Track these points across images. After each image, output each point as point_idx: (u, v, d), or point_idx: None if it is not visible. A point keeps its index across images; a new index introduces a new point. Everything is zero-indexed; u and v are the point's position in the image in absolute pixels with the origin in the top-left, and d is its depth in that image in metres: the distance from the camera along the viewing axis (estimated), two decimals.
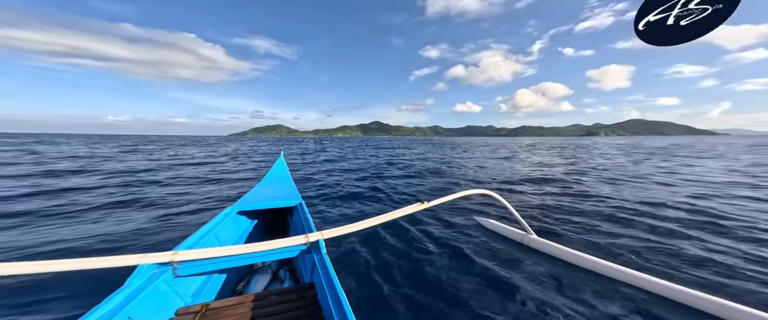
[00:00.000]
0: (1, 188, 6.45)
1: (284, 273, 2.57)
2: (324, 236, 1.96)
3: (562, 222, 4.42)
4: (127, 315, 1.40)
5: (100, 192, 6.41)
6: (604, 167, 11.49)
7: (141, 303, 1.51)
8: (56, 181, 7.65)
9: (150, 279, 1.63)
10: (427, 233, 3.97)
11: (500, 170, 11.18)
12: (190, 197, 6.20)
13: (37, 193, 6.12)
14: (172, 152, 21.12)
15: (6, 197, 5.63)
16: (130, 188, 6.89)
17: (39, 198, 5.71)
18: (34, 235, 3.78)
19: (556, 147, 32.82)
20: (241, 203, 3.08)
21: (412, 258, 3.23)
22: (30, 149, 20.25)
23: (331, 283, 1.58)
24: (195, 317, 1.59)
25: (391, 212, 2.22)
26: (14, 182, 7.35)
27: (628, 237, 3.73)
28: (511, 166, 12.75)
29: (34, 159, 12.90)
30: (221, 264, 1.82)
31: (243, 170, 10.97)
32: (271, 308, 1.66)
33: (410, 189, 7.43)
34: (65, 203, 5.34)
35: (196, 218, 4.76)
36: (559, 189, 7.04)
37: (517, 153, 21.83)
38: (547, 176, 9.15)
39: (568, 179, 8.60)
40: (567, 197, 6.20)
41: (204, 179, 8.68)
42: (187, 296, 1.93)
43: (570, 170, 10.75)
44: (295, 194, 3.44)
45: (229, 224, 2.84)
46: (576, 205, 5.43)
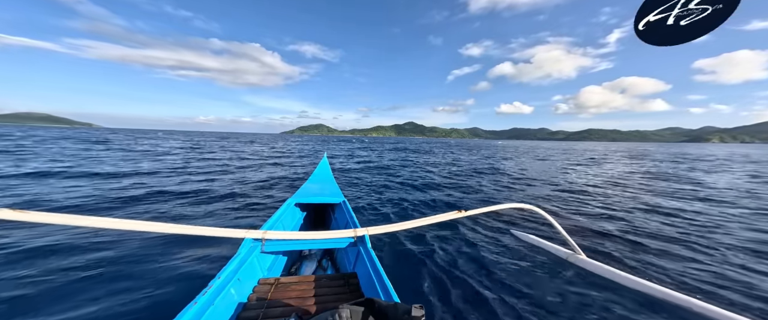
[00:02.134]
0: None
1: (327, 261, 2.83)
2: (369, 232, 2.11)
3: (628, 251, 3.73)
4: (238, 277, 1.76)
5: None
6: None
7: (244, 269, 1.87)
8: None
9: (249, 251, 1.99)
10: (462, 241, 3.94)
11: (550, 180, 10.09)
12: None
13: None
14: (275, 146, 25.76)
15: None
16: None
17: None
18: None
19: (640, 156, 27.02)
20: (296, 196, 3.44)
21: (445, 263, 3.23)
22: (188, 141, 26.90)
23: (379, 274, 1.70)
24: (271, 288, 1.85)
25: (429, 216, 2.31)
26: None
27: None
28: (567, 176, 11.31)
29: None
30: (289, 245, 2.11)
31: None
32: (323, 289, 1.85)
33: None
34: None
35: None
36: (627, 213, 5.67)
37: (581, 161, 19.42)
38: (611, 194, 7.57)
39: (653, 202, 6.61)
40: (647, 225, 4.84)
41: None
42: (264, 270, 2.24)
43: (660, 190, 8.31)
44: (338, 192, 3.76)
45: (289, 213, 3.22)
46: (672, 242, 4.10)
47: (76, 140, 25.69)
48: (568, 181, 9.93)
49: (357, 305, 1.02)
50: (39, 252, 3.05)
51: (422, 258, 3.32)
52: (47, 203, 5.05)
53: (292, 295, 1.78)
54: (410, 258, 3.35)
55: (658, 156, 25.66)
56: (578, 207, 6.16)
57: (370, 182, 9.17)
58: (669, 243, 4.03)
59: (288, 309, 1.64)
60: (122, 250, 3.18)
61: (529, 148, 47.89)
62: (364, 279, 1.89)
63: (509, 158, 21.80)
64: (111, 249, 3.17)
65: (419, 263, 3.22)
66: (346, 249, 2.38)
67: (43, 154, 12.33)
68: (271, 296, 1.77)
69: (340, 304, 1.01)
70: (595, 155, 28.55)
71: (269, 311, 1.62)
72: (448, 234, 4.15)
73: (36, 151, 13.44)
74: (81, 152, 14.17)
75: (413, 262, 3.24)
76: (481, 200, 7.05)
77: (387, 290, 1.54)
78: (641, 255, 3.61)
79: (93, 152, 14.45)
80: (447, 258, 3.37)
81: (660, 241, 4.07)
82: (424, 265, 3.17)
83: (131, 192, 6.03)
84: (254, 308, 1.64)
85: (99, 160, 11.21)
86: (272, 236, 1.91)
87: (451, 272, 3.04)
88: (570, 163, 18.15)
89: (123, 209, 4.88)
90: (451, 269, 3.11)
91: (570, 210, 5.91)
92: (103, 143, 22.14)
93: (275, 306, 1.67)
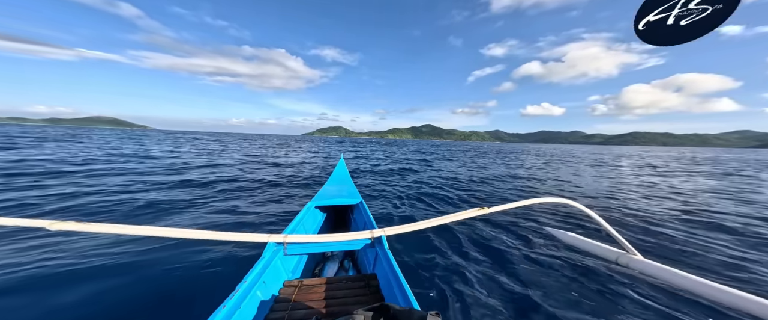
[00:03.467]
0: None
1: (348, 263, 2.85)
2: (386, 233, 2.10)
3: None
4: (263, 279, 1.81)
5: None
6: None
7: (269, 272, 1.91)
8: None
9: (272, 254, 2.03)
10: (488, 240, 3.72)
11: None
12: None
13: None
14: (302, 147, 27.03)
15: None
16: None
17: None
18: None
19: (716, 162, 22.90)
20: (316, 199, 3.49)
21: (469, 265, 3.05)
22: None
23: (396, 276, 1.69)
24: (295, 290, 1.88)
25: (448, 215, 2.20)
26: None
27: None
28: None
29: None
30: (310, 248, 2.13)
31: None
32: (344, 291, 1.87)
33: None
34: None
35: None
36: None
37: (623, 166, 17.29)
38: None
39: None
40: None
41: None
42: (288, 272, 2.28)
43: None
44: (355, 193, 3.79)
45: (310, 216, 3.23)
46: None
47: (155, 140, 28.52)
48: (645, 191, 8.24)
49: (371, 310, 1.01)
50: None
51: (443, 260, 3.15)
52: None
53: (315, 297, 1.81)
54: (429, 259, 3.19)
55: (733, 163, 21.87)
56: (628, 204, 5.66)
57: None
58: (741, 241, 3.60)
59: (311, 311, 1.66)
60: (154, 254, 3.19)
61: (566, 153, 42.91)
62: (383, 280, 1.89)
63: (558, 161, 19.98)
64: (143, 256, 3.18)
65: (439, 265, 3.06)
66: (364, 250, 2.36)
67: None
68: (295, 298, 1.79)
69: (356, 308, 1.03)
70: (655, 160, 25.14)
71: (293, 313, 1.64)
72: (472, 233, 3.91)
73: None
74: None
75: (433, 264, 3.09)
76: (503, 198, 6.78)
77: (404, 293, 1.52)
78: (709, 255, 3.18)
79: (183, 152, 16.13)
80: (472, 260, 3.15)
81: (730, 239, 3.66)
82: (445, 267, 3.00)
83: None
84: (279, 310, 1.67)
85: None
86: (293, 240, 1.97)
87: (477, 275, 2.83)
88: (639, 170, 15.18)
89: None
90: (476, 272, 2.90)
91: (618, 207, 5.41)
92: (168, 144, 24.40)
93: (299, 308, 1.69)
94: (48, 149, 13.45)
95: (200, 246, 3.34)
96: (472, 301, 2.40)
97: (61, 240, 3.38)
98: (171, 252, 3.23)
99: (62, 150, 13.50)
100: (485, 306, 2.34)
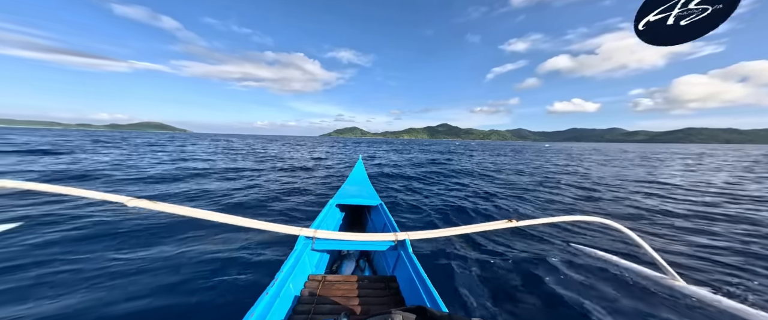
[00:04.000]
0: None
1: (364, 262, 2.84)
2: (410, 236, 2.08)
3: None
4: (295, 272, 1.87)
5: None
6: None
7: (299, 264, 1.96)
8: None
9: (303, 248, 2.08)
10: (516, 255, 3.49)
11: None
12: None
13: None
14: (336, 149, 28.06)
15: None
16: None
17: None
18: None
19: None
20: (337, 197, 3.54)
21: (494, 279, 2.91)
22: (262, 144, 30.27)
23: (423, 281, 1.65)
24: (319, 284, 1.91)
25: (474, 224, 2.16)
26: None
27: None
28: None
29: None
30: (335, 245, 2.14)
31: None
32: (365, 290, 1.88)
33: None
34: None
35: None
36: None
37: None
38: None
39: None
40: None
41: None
42: (312, 266, 2.31)
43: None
44: (374, 194, 3.81)
45: (331, 214, 3.26)
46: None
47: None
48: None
49: (408, 312, 0.98)
50: (143, 234, 3.75)
51: (463, 269, 3.04)
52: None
53: (337, 293, 1.83)
54: (451, 268, 3.08)
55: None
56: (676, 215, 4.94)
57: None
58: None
59: (335, 307, 1.69)
60: (211, 236, 3.65)
61: (616, 152, 36.58)
62: (404, 283, 1.89)
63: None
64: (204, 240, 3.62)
65: (459, 274, 2.95)
66: (385, 252, 2.34)
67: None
68: (320, 292, 1.83)
69: (382, 307, 1.04)
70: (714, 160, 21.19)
71: (319, 307, 1.69)
72: (497, 246, 3.74)
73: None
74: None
75: (454, 273, 2.97)
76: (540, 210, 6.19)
77: (433, 298, 1.49)
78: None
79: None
80: (497, 273, 3.01)
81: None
82: (464, 277, 2.89)
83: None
84: (307, 303, 1.73)
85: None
86: (321, 235, 2.01)
87: (503, 290, 2.72)
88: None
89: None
90: (502, 286, 2.77)
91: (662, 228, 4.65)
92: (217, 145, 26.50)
93: (324, 303, 1.73)
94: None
95: (243, 232, 3.70)
96: (493, 315, 2.33)
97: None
98: (224, 234, 3.76)
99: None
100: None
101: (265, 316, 1.40)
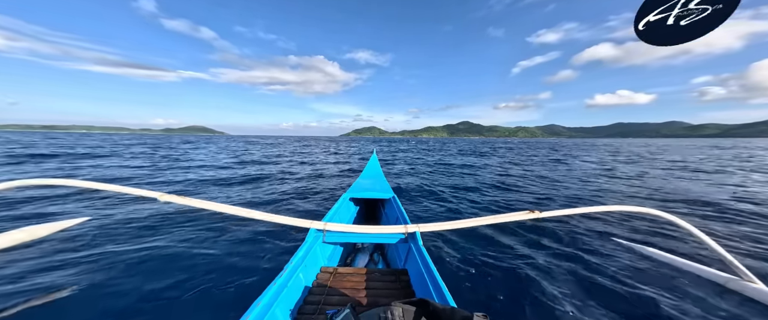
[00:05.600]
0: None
1: (378, 256, 2.85)
2: (420, 229, 2.07)
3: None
4: (305, 263, 1.89)
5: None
6: None
7: (310, 256, 1.98)
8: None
9: (314, 240, 2.10)
10: (538, 246, 3.34)
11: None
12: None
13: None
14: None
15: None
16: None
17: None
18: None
19: None
20: (351, 191, 3.58)
21: (517, 274, 2.73)
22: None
23: (431, 273, 1.64)
24: (330, 276, 1.93)
25: (490, 216, 2.05)
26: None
27: None
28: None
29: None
30: (346, 237, 2.15)
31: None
32: (375, 283, 1.88)
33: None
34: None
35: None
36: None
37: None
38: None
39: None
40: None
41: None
42: (325, 259, 2.32)
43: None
44: (387, 188, 3.83)
45: (345, 207, 3.31)
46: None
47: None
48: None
49: (409, 304, 0.98)
50: (149, 228, 3.92)
51: (481, 263, 2.92)
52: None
53: (348, 285, 1.85)
54: (465, 260, 2.98)
55: None
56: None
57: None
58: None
59: (344, 299, 1.71)
60: (232, 231, 3.77)
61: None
62: (414, 276, 1.87)
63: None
64: (227, 232, 3.77)
65: (476, 268, 2.84)
66: (396, 244, 2.36)
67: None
68: (331, 284, 1.85)
69: (391, 300, 1.00)
70: None
71: (329, 298, 1.71)
72: (520, 239, 3.56)
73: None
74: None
75: (469, 266, 2.86)
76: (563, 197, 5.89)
77: (440, 291, 1.47)
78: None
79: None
80: (514, 265, 2.85)
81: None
82: (482, 271, 2.76)
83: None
84: (317, 294, 1.75)
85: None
86: (332, 228, 2.04)
87: (526, 286, 2.51)
88: None
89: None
90: (525, 282, 2.57)
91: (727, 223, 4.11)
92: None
93: (334, 295, 1.75)
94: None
95: (257, 225, 3.80)
96: (513, 312, 2.20)
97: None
98: (245, 228, 3.82)
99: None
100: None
101: (272, 305, 1.42)
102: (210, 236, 3.70)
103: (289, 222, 1.94)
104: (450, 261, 2.99)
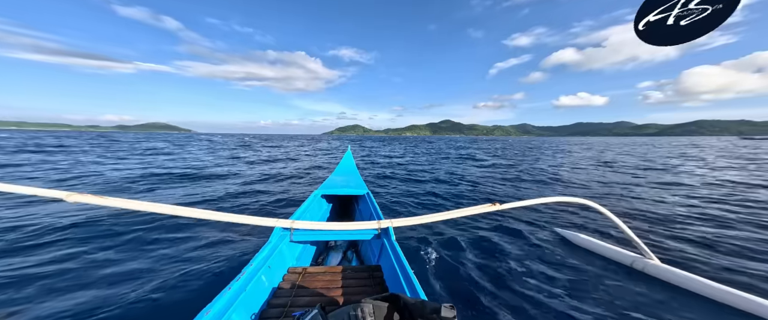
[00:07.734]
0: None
1: (352, 253, 2.81)
2: (393, 224, 2.04)
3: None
4: (269, 264, 1.79)
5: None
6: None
7: (275, 257, 1.89)
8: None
9: (279, 240, 2.01)
10: (498, 238, 3.64)
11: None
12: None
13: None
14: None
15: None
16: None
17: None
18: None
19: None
20: (322, 188, 3.48)
21: (477, 263, 3.01)
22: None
23: (404, 268, 1.63)
24: (299, 277, 1.86)
25: (458, 209, 2.14)
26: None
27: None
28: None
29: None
30: (316, 236, 2.09)
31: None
32: (348, 281, 1.84)
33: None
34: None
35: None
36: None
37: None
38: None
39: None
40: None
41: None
42: (293, 258, 2.25)
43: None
44: (362, 184, 3.75)
45: (316, 205, 3.21)
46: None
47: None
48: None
49: (381, 300, 0.98)
50: (81, 229, 3.64)
51: (450, 255, 3.13)
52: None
53: (319, 285, 1.80)
54: (437, 253, 3.17)
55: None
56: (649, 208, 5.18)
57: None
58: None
59: (314, 299, 1.65)
60: (160, 232, 3.50)
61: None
62: (388, 272, 1.85)
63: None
64: (148, 232, 3.52)
65: (447, 260, 3.04)
66: (370, 241, 2.34)
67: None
68: (299, 284, 1.79)
69: (363, 297, 1.00)
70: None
71: (297, 299, 1.64)
72: (481, 230, 3.86)
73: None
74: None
75: (440, 258, 3.08)
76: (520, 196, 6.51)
77: (412, 285, 1.48)
78: (735, 260, 2.99)
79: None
80: (480, 257, 3.13)
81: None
82: (452, 263, 2.98)
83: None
84: (283, 295, 1.67)
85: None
86: (300, 226, 1.94)
87: (485, 273, 2.80)
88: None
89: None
90: (484, 270, 2.86)
91: (636, 208, 5.08)
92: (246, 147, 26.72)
93: (303, 295, 1.69)
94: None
95: (211, 225, 3.65)
96: (478, 298, 2.40)
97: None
98: (184, 231, 3.57)
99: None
100: (490, 304, 2.34)
101: (227, 311, 1.31)
102: (135, 245, 3.25)
103: (250, 222, 1.75)
104: (422, 254, 3.16)
